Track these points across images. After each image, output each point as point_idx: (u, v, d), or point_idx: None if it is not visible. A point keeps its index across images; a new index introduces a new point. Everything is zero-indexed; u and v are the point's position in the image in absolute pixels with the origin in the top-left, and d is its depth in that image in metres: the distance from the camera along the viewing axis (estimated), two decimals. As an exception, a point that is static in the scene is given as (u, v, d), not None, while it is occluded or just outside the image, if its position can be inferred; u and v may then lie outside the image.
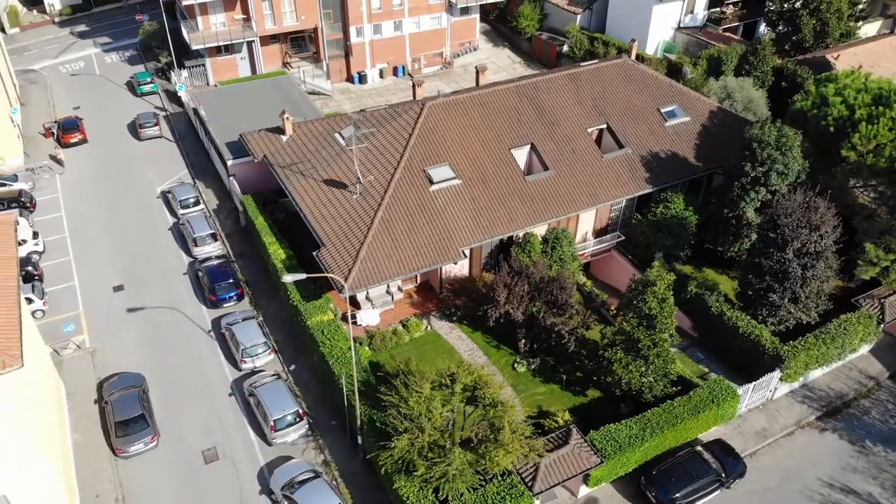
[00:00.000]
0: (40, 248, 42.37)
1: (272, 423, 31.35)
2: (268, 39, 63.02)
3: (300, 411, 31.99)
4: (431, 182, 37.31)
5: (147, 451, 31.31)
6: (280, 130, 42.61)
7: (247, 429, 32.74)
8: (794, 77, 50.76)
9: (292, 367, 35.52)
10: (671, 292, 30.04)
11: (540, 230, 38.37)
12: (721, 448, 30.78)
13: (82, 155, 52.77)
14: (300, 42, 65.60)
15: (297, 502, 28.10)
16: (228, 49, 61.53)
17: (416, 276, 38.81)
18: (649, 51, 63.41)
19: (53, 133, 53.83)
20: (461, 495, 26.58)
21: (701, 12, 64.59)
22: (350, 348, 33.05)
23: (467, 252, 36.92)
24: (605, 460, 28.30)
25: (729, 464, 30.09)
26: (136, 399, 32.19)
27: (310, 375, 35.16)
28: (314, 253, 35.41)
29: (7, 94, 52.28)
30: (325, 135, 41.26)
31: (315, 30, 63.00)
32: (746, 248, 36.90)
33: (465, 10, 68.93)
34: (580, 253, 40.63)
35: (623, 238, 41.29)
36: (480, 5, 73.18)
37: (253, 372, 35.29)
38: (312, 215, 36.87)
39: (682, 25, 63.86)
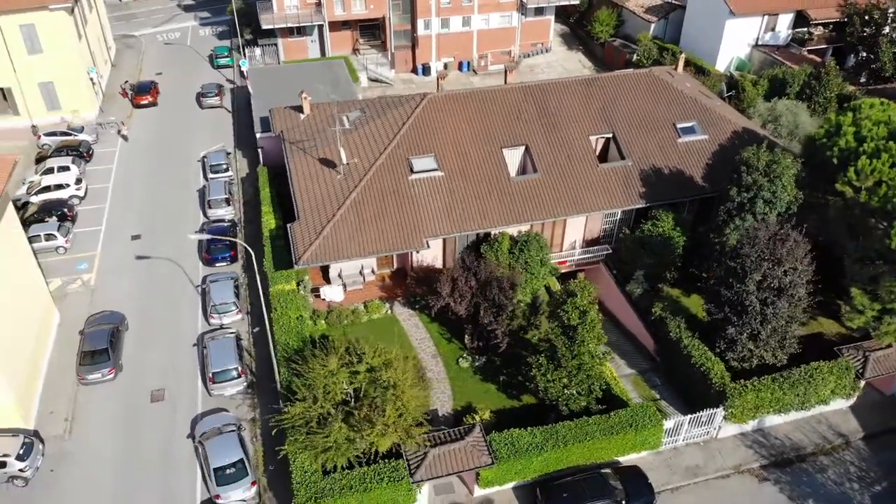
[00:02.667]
0: (80, 194, 47.13)
1: (211, 374, 33.56)
2: (339, 25, 65.89)
3: (240, 368, 33.93)
4: (412, 171, 38.07)
5: (104, 382, 34.47)
6: (301, 109, 44.82)
7: (196, 378, 35.13)
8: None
9: (256, 329, 37.60)
10: (595, 306, 29.15)
11: (514, 231, 38.07)
12: (634, 476, 29.52)
13: (148, 115, 57.91)
14: (372, 30, 67.96)
15: (206, 450, 30.05)
16: (300, 31, 64.97)
17: (392, 262, 39.75)
18: (720, 66, 60.35)
19: (129, 94, 59.35)
20: (342, 468, 27.40)
21: (784, 31, 60.56)
22: (299, 318, 34.80)
23: (434, 243, 37.38)
24: (496, 462, 28.07)
25: (635, 493, 28.80)
26: (105, 334, 35.43)
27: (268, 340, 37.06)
28: (288, 225, 37.27)
29: (91, 53, 58.11)
30: (336, 117, 42.95)
31: (383, 19, 65.08)
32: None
33: (540, 11, 68.61)
34: (561, 261, 39.91)
35: (610, 252, 40.06)
36: (559, 7, 72.66)
37: (221, 328, 37.70)
38: (298, 190, 38.67)
39: (760, 43, 60.17)
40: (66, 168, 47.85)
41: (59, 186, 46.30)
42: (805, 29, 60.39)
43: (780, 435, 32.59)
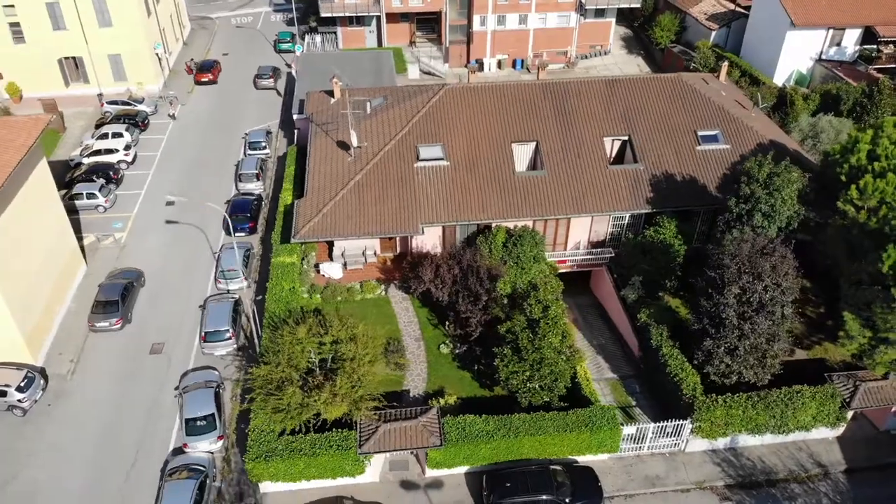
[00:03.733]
0: (128, 159, 50.57)
1: (203, 333, 35.62)
2: (397, 17, 67.46)
3: (231, 331, 35.79)
4: (418, 158, 38.90)
5: (111, 331, 37.17)
6: (333, 94, 46.51)
7: (195, 337, 37.29)
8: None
9: (259, 297, 39.47)
10: (559, 301, 29.11)
11: (512, 225, 38.22)
12: (585, 476, 29.31)
13: (207, 92, 61.32)
14: (430, 24, 69.15)
15: (183, 402, 32.03)
16: (359, 21, 66.94)
17: (395, 247, 40.69)
18: (779, 79, 57.96)
19: (193, 71, 62.98)
20: (295, 431, 28.66)
21: (851, 47, 57.45)
22: (291, 289, 36.38)
23: (434, 230, 38.10)
24: (444, 445, 28.57)
25: (582, 493, 28.61)
26: (119, 288, 38.15)
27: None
28: (295, 200, 38.91)
29: (161, 30, 62.00)
30: (362, 103, 44.31)
31: (440, 13, 66.13)
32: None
33: (600, 13, 67.89)
34: (561, 260, 39.73)
35: (613, 255, 39.56)
36: (623, 10, 71.65)
37: (228, 293, 39.79)
38: (311, 168, 40.25)
39: (823, 58, 57.36)
40: (120, 135, 51.44)
41: (109, 151, 49.89)
42: (874, 46, 57.08)
43: (753, 457, 31.44)
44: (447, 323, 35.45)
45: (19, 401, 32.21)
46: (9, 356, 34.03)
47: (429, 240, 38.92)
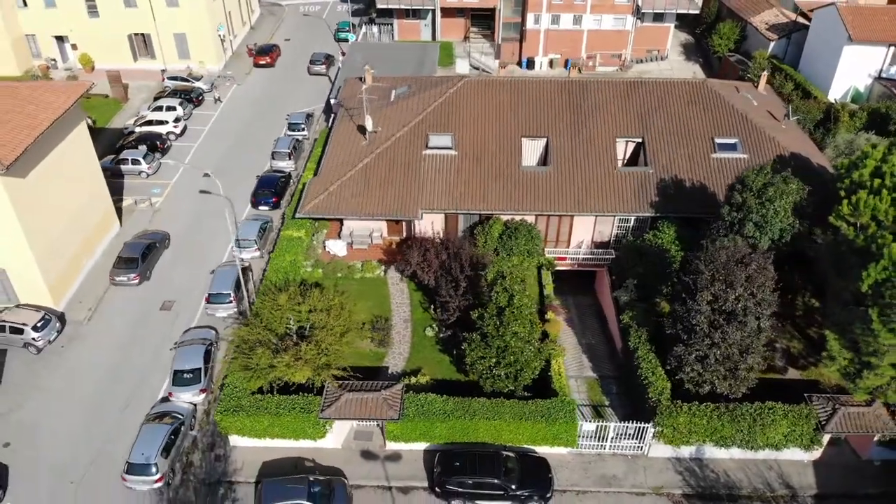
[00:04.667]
0: (177, 131, 53.92)
1: (207, 295, 37.91)
2: (454, 12, 68.55)
3: (233, 295, 37.89)
4: (427, 146, 39.91)
5: (128, 285, 40.07)
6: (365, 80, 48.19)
7: (203, 298, 39.68)
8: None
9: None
10: (525, 291, 29.48)
11: (510, 218, 38.61)
12: (537, 466, 29.61)
13: (263, 74, 64.39)
14: (485, 21, 69.86)
15: (176, 355, 34.35)
16: (415, 14, 68.44)
17: (402, 230, 41.84)
18: (834, 94, 55.50)
19: (253, 53, 66.22)
20: (263, 390, 30.38)
21: (916, 64, 54.35)
22: (292, 261, 38.19)
23: (437, 218, 39.02)
24: (401, 419, 29.54)
25: (530, 482, 28.94)
26: (141, 247, 41.06)
27: (275, 278, 40.86)
28: (308, 179, 40.70)
29: (227, 14, 65.44)
30: (386, 90, 45.76)
31: (494, 10, 66.77)
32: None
33: (659, 17, 66.76)
34: (560, 256, 39.82)
35: (613, 257, 39.34)
36: (686, 16, 70.14)
37: (241, 261, 42.01)
38: (329, 150, 42.03)
39: (882, 75, 54.51)
40: (172, 108, 54.90)
41: (160, 122, 53.34)
42: (944, 64, 53.78)
43: (718, 469, 30.83)
44: (433, 307, 36.34)
45: (34, 339, 35.33)
46: (32, 300, 37.33)
47: (432, 227, 39.85)
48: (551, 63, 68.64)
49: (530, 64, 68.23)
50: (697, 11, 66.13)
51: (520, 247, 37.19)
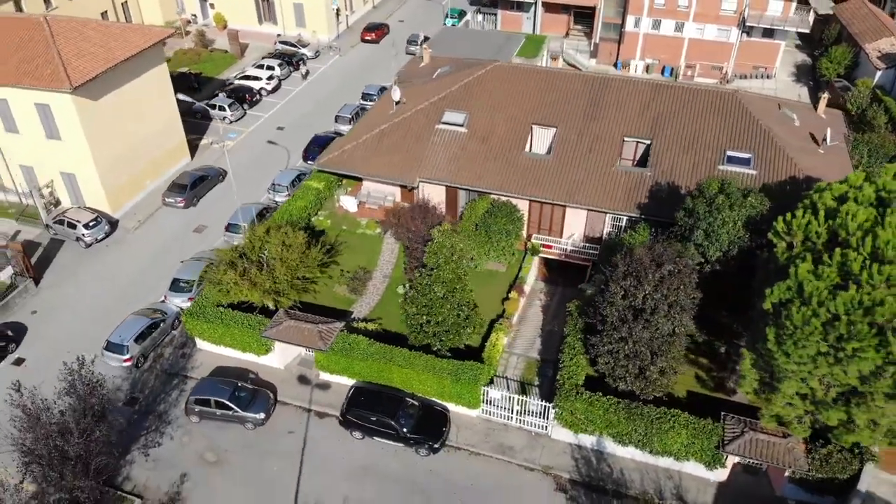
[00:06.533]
0: (269, 88, 60.35)
1: (227, 224, 43.38)
2: (558, 8, 69.71)
3: (246, 226, 42.86)
4: (441, 121, 42.39)
5: (175, 207, 46.64)
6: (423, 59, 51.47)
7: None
8: None
9: (293, 212, 46.18)
10: (452, 256, 31.37)
11: (497, 198, 40.13)
12: (437, 416, 31.64)
13: (365, 49, 69.68)
14: (587, 19, 70.17)
15: (181, 267, 39.98)
16: (520, 6, 70.37)
17: (414, 198, 44.73)
18: (932, 131, 50.44)
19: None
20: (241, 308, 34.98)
21: None
22: (304, 207, 42.51)
23: (439, 189, 41.48)
24: (326, 351, 32.77)
25: (424, 429, 31.05)
26: (194, 177, 47.53)
27: (294, 222, 45.44)
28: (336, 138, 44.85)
29: (344, -8, 71.51)
30: (436, 69, 48.71)
31: (594, 9, 67.02)
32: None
33: (769, 33, 63.63)
34: (546, 244, 40.67)
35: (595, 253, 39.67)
36: (806, 36, 66.19)
37: (275, 203, 47.07)
38: (365, 116, 45.87)
39: None
40: (272, 67, 61.46)
41: (255, 78, 60.04)
42: None
43: (615, 466, 30.97)
44: (404, 268, 39.05)
45: (83, 235, 42.58)
46: (94, 204, 44.75)
47: (434, 197, 42.31)
48: (647, 68, 67.65)
49: (624, 66, 67.74)
50: (807, 31, 62.17)
51: (498, 225, 38.70)
